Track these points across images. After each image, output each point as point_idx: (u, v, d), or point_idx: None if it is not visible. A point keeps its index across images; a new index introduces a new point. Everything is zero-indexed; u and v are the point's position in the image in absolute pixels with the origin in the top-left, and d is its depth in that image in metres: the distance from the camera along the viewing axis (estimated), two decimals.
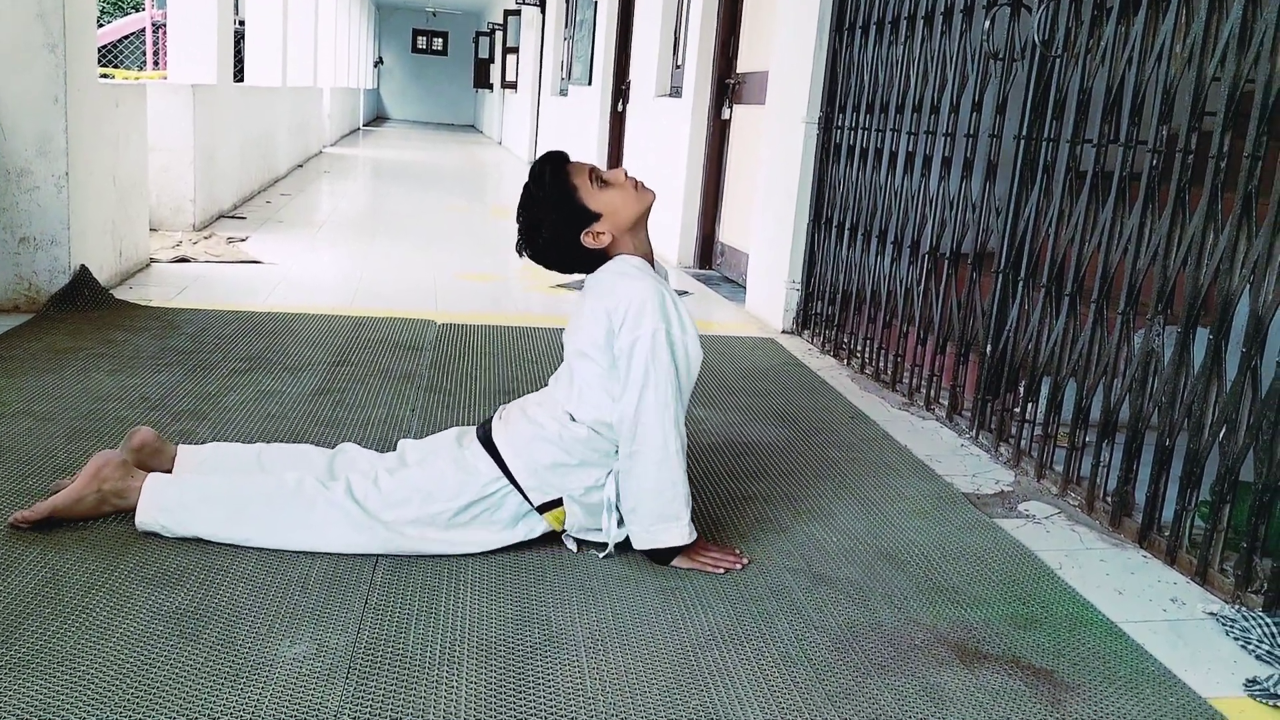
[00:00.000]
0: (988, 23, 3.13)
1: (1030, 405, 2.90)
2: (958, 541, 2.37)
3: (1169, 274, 2.41)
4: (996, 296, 3.05)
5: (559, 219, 2.13)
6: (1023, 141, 2.97)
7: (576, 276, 2.29)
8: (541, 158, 2.18)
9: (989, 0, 3.16)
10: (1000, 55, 3.11)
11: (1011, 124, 3.05)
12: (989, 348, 3.07)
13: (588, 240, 2.14)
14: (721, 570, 2.11)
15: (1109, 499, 2.57)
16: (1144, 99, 2.53)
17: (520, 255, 2.23)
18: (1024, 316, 2.95)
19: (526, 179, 2.18)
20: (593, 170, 2.15)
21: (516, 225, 2.21)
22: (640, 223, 2.18)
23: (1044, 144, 2.90)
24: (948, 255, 3.34)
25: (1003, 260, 3.03)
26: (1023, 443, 2.91)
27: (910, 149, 3.60)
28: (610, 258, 2.17)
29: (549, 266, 2.23)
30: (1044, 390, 2.85)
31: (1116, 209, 2.59)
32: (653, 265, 2.21)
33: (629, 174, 2.18)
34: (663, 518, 2.08)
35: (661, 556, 2.13)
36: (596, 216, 2.13)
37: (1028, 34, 2.98)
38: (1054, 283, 2.82)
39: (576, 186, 2.13)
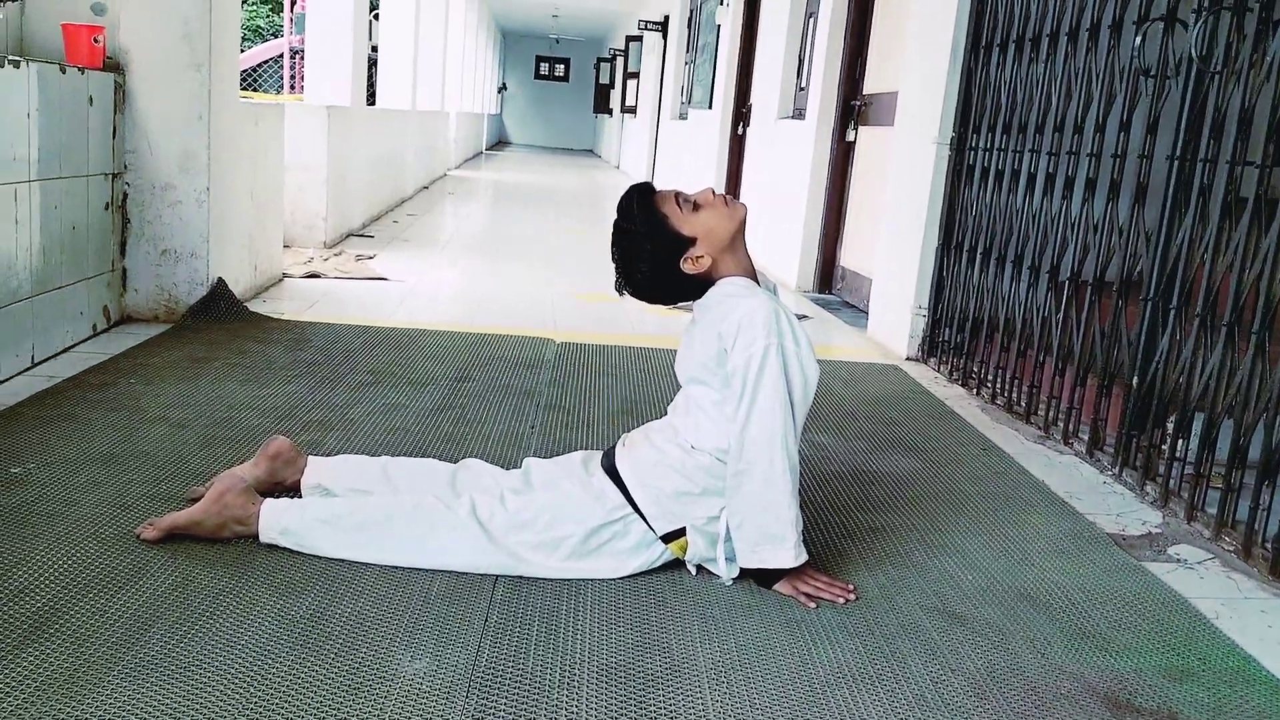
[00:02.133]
0: (1138, 39, 2.98)
1: (1181, 442, 2.72)
2: (1103, 584, 2.22)
3: None
4: (1145, 326, 2.89)
5: (655, 250, 2.08)
6: (1176, 163, 2.81)
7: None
8: (626, 192, 2.12)
9: (1140, 15, 3.01)
10: (1152, 72, 2.96)
11: (1163, 144, 2.89)
12: (1135, 380, 2.90)
13: (687, 266, 2.08)
14: (819, 603, 2.02)
15: (1268, 545, 2.38)
16: None
17: (620, 294, 2.18)
18: (1175, 347, 2.78)
19: (615, 216, 2.12)
20: (678, 195, 2.10)
21: (614, 264, 2.15)
22: (738, 239, 2.11)
23: (1200, 165, 2.73)
24: (1090, 282, 3.18)
25: (1152, 288, 2.87)
26: (1171, 482, 2.73)
27: (1050, 170, 3.45)
28: (713, 281, 2.11)
29: (652, 300, 2.17)
30: (1196, 426, 2.67)
31: None
32: (757, 281, 2.14)
33: (716, 191, 2.12)
34: (768, 538, 2.00)
35: (765, 578, 2.05)
36: (692, 241, 2.07)
37: (1183, 49, 2.82)
38: (1209, 312, 2.65)
39: (666, 215, 2.07)
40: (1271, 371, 2.42)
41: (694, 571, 2.11)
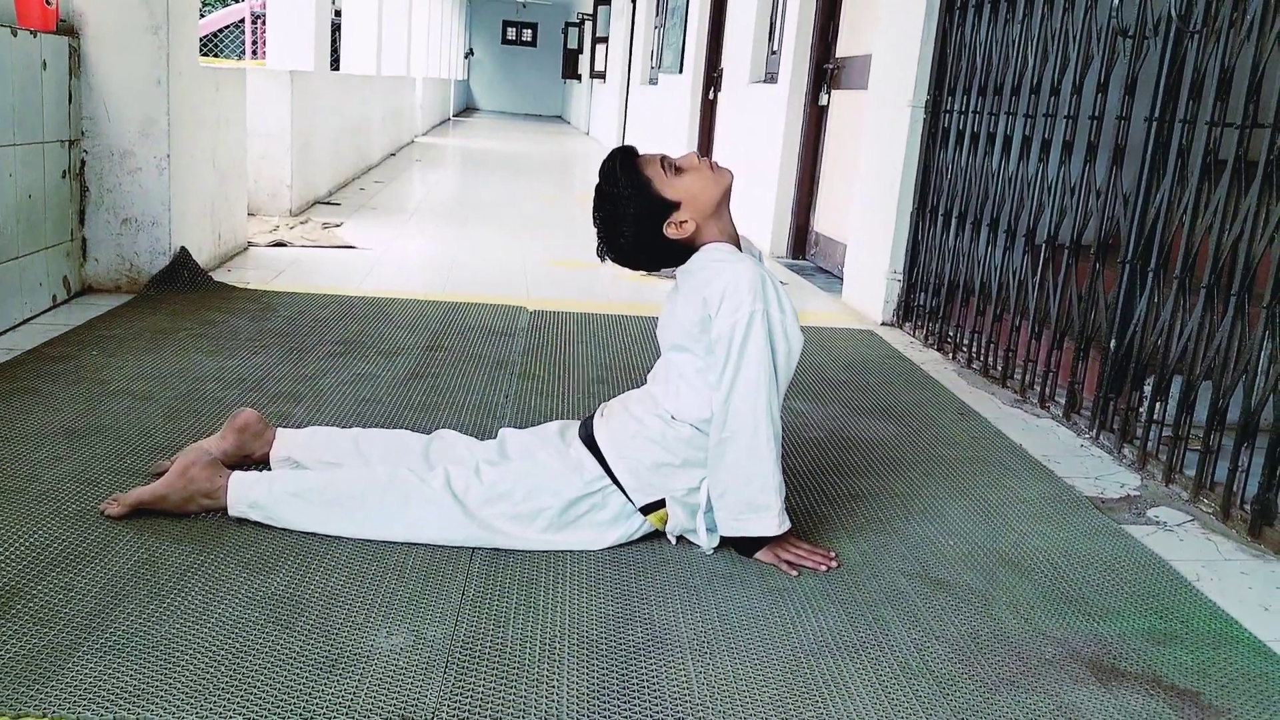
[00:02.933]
0: None
1: (1159, 404, 2.72)
2: (1084, 548, 2.22)
3: None
4: (1123, 289, 2.87)
5: (638, 214, 2.02)
6: (1154, 124, 2.78)
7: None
8: (609, 155, 2.06)
9: None
10: (1130, 32, 2.93)
11: (1141, 105, 2.87)
12: (1113, 343, 2.89)
13: (671, 231, 2.03)
14: (801, 570, 1.99)
15: (1248, 506, 2.38)
16: None
17: (602, 259, 2.12)
18: (1153, 310, 2.77)
19: (598, 180, 2.06)
20: (664, 159, 2.04)
21: (595, 229, 2.09)
22: (722, 205, 2.06)
23: (1179, 126, 2.71)
24: (1067, 245, 3.16)
25: (1130, 250, 2.85)
26: (1149, 444, 2.73)
27: (1027, 133, 3.42)
28: (697, 247, 2.06)
29: (634, 266, 2.12)
30: (1174, 389, 2.67)
31: (1262, 196, 2.40)
32: (740, 248, 2.09)
33: (702, 156, 2.07)
34: (752, 507, 1.97)
35: (747, 547, 2.03)
36: (676, 205, 2.02)
37: (1161, 9, 2.79)
38: (1188, 274, 2.64)
39: (650, 178, 2.01)
40: (1251, 333, 2.41)
41: (674, 541, 2.08)
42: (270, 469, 2.23)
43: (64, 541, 1.89)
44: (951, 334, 3.87)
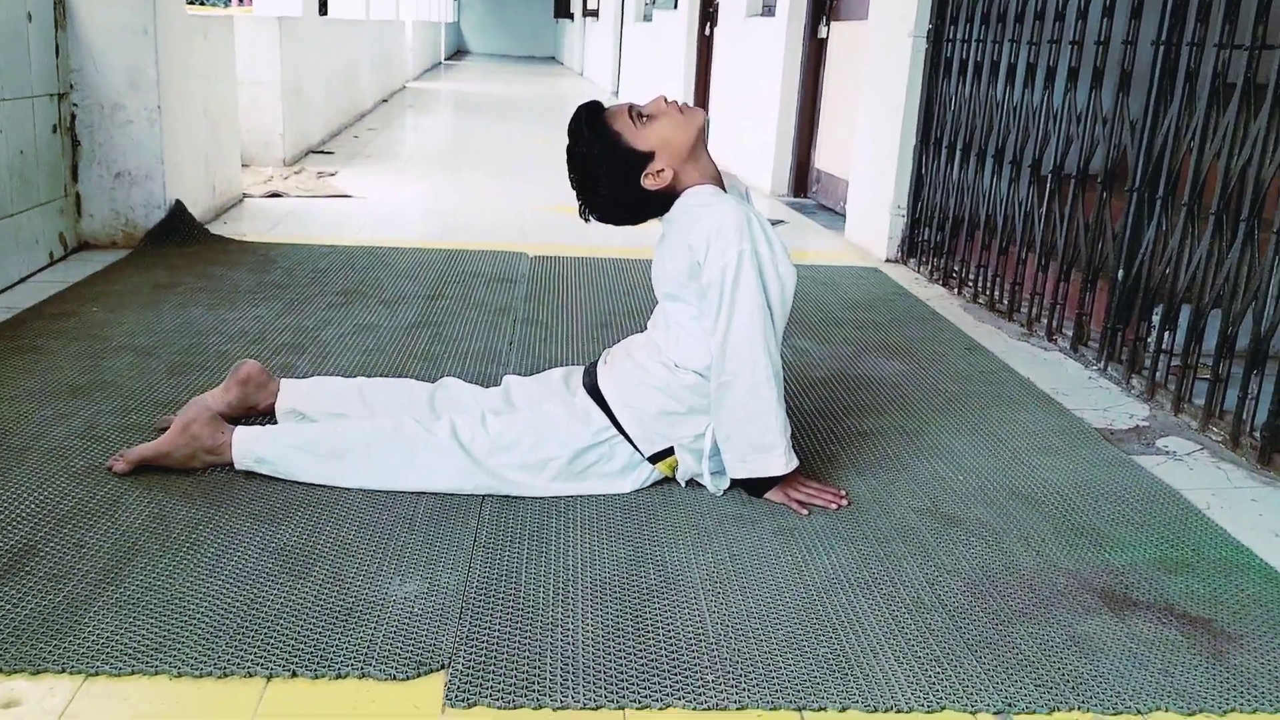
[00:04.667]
0: None
1: (1167, 334, 2.70)
2: (1094, 479, 2.21)
3: None
4: (1130, 218, 2.84)
5: (612, 170, 1.98)
6: (1161, 48, 2.73)
7: None
8: (575, 114, 2.00)
9: None
10: None
11: (1148, 28, 2.81)
12: (1120, 273, 2.87)
13: (649, 182, 1.98)
14: (811, 509, 1.99)
15: (1257, 434, 2.38)
16: None
17: (586, 220, 2.08)
18: (1161, 239, 2.74)
19: (568, 140, 2.00)
20: (631, 108, 1.99)
21: (573, 189, 2.04)
22: (698, 146, 2.00)
23: (1186, 49, 2.66)
24: (1074, 175, 3.12)
25: (1138, 178, 2.81)
26: (1158, 374, 2.72)
27: (1031, 60, 3.36)
28: (678, 194, 2.02)
29: (619, 222, 2.07)
30: (1183, 318, 2.65)
31: (1271, 120, 2.36)
32: (724, 187, 2.05)
33: (669, 99, 2.01)
34: (757, 447, 1.96)
35: (756, 487, 2.02)
36: (650, 155, 1.97)
37: None
38: (1196, 201, 2.61)
39: (619, 131, 1.96)
40: (1260, 259, 2.39)
41: (684, 485, 2.08)
42: (275, 421, 2.22)
43: (74, 498, 1.89)
44: (957, 269, 3.85)
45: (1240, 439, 2.41)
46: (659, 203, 2.03)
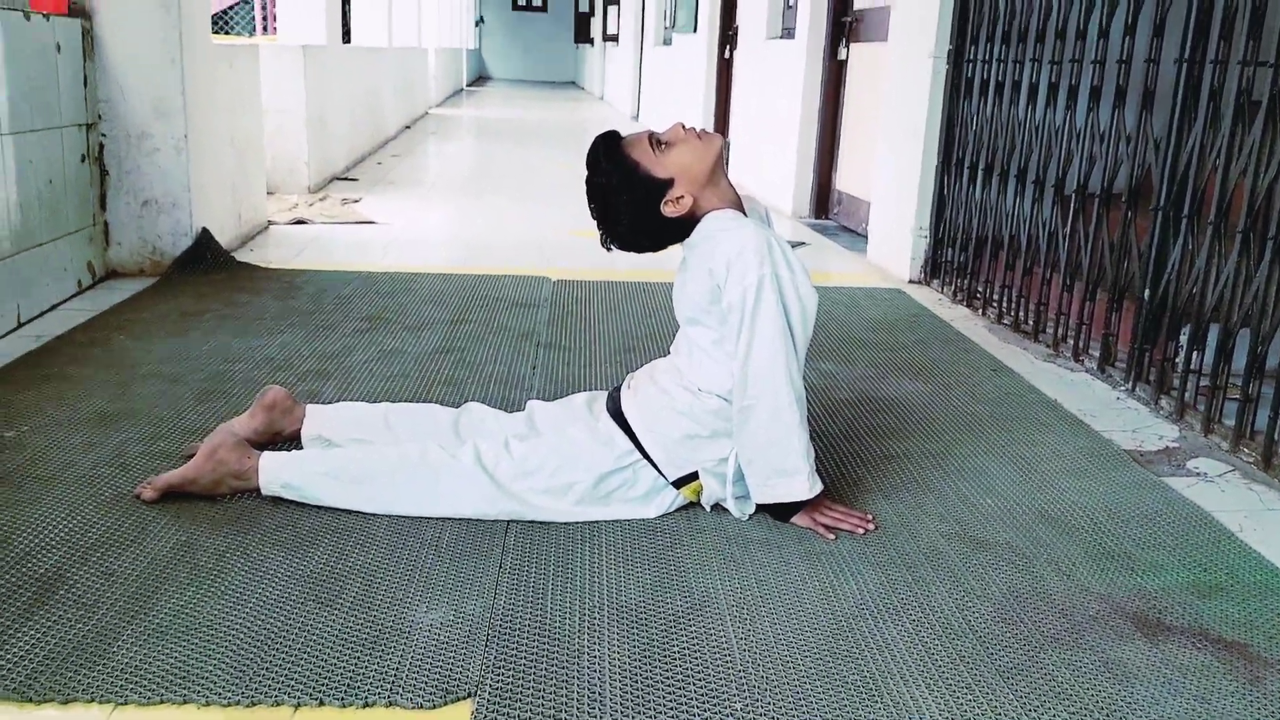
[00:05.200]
0: None
1: (1195, 354, 2.68)
2: (1125, 502, 2.19)
3: None
4: (1155, 237, 2.82)
5: (632, 199, 1.99)
6: (1185, 66, 2.72)
7: None
8: (593, 144, 2.01)
9: None
10: None
11: (1171, 47, 2.80)
12: (1147, 293, 2.85)
13: (669, 209, 1.99)
14: (838, 533, 1.98)
15: None
16: None
17: (608, 249, 2.09)
18: (1187, 258, 2.72)
19: (586, 170, 2.01)
20: (651, 136, 2.00)
21: (593, 219, 2.05)
22: (717, 171, 2.01)
23: (1210, 67, 2.64)
24: (1098, 194, 3.11)
25: (1162, 197, 2.80)
26: (1186, 395, 2.69)
27: (1053, 79, 3.35)
28: (698, 219, 2.02)
29: (640, 250, 2.07)
30: (1211, 337, 2.62)
31: None
32: (744, 211, 2.05)
33: (687, 126, 2.02)
34: (780, 472, 1.95)
35: (782, 512, 2.01)
36: (670, 182, 1.97)
37: None
38: (1222, 219, 2.58)
39: (638, 160, 1.97)
40: None
41: (709, 509, 2.07)
42: (301, 446, 2.23)
43: (102, 526, 1.90)
44: (981, 289, 3.83)
45: (1272, 460, 2.37)
46: (679, 229, 2.04)
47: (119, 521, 1.92)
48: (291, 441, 2.26)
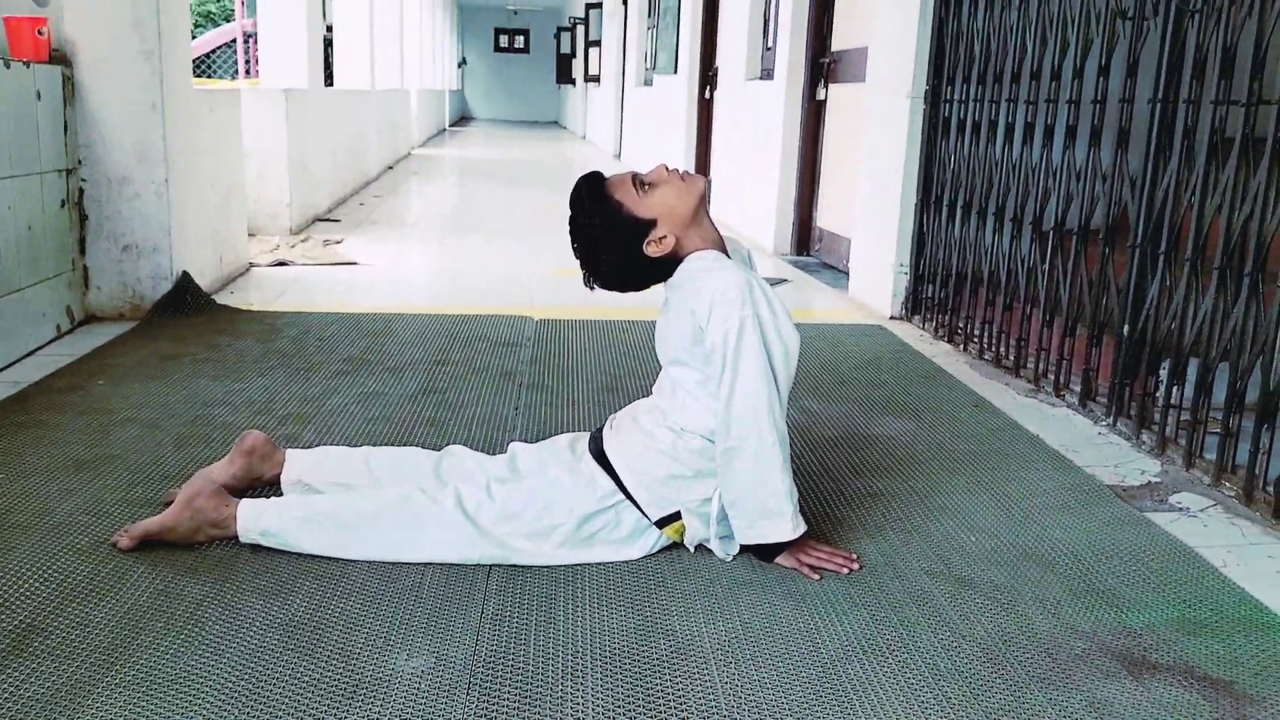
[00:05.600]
0: None
1: (1175, 389, 2.69)
2: (1108, 538, 2.19)
3: None
4: (1133, 273, 2.85)
5: (615, 240, 1.99)
6: (1158, 105, 2.75)
7: None
8: (576, 185, 2.02)
9: None
10: (1130, 14, 2.90)
11: (1144, 87, 2.84)
12: (1126, 328, 2.86)
13: (651, 250, 2.00)
14: (823, 574, 1.97)
15: (1270, 488, 2.35)
16: None
17: (591, 289, 2.09)
18: (1165, 293, 2.74)
19: (570, 211, 2.03)
20: (634, 177, 2.01)
21: (576, 259, 2.06)
22: (700, 212, 2.02)
23: (1184, 106, 2.68)
24: (1075, 231, 3.14)
25: (1140, 234, 2.82)
26: (1168, 429, 2.70)
27: (1029, 119, 3.39)
28: (681, 259, 2.03)
29: (623, 289, 2.08)
30: (1191, 372, 2.64)
31: (1271, 173, 2.37)
32: (726, 251, 2.06)
33: (670, 167, 2.03)
34: (764, 513, 1.95)
35: (766, 553, 2.00)
36: (652, 223, 1.98)
37: None
38: (1198, 256, 2.61)
39: (621, 201, 1.98)
40: (1266, 312, 2.38)
41: (693, 550, 2.06)
42: (281, 492, 2.21)
43: (79, 575, 1.87)
44: (962, 325, 3.85)
45: (1254, 494, 2.38)
46: (662, 269, 2.04)
47: (96, 569, 1.90)
48: (271, 486, 2.24)
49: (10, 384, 3.00)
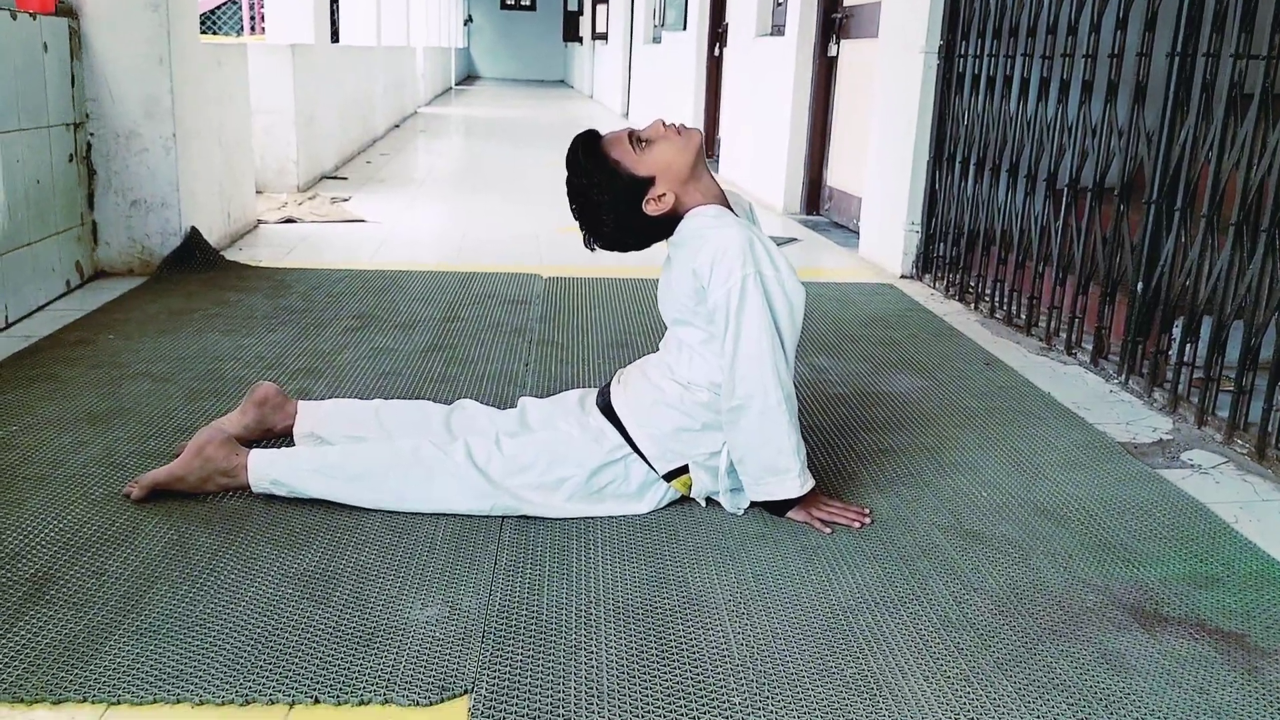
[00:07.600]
0: None
1: (1189, 346, 2.68)
2: (1120, 494, 2.19)
3: None
4: (1148, 230, 2.82)
5: (614, 199, 1.97)
6: (1177, 59, 2.72)
7: None
8: (571, 144, 2.00)
9: None
10: None
11: (1162, 41, 2.80)
12: (1139, 286, 2.85)
13: (650, 208, 1.98)
14: (835, 528, 1.97)
15: None
16: None
17: (592, 250, 2.07)
18: (1180, 251, 2.72)
19: (566, 172, 2.00)
20: (631, 134, 1.98)
21: (575, 220, 2.04)
22: (698, 167, 2.00)
23: (1202, 60, 2.64)
24: (1090, 188, 3.11)
25: (1155, 190, 2.80)
26: (1180, 387, 2.69)
27: (1044, 74, 3.35)
28: (681, 216, 2.01)
29: (624, 249, 2.06)
30: (1205, 329, 2.62)
31: None
32: (728, 205, 2.04)
33: (667, 122, 2.00)
34: (771, 470, 1.95)
35: (777, 508, 2.00)
36: (650, 180, 1.96)
37: None
38: (1215, 212, 2.59)
39: (618, 159, 1.96)
40: None
41: (704, 504, 2.06)
42: (293, 443, 2.21)
43: (93, 525, 1.89)
44: (973, 284, 3.83)
45: (1266, 451, 2.38)
46: (663, 227, 2.03)
47: (110, 520, 1.91)
48: (283, 438, 2.25)
49: (21, 338, 3.00)
